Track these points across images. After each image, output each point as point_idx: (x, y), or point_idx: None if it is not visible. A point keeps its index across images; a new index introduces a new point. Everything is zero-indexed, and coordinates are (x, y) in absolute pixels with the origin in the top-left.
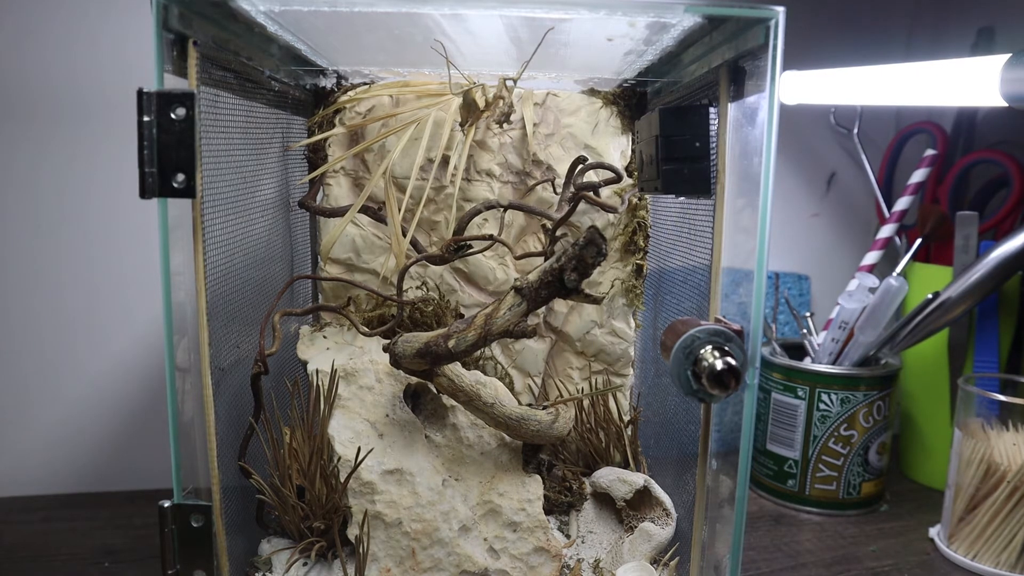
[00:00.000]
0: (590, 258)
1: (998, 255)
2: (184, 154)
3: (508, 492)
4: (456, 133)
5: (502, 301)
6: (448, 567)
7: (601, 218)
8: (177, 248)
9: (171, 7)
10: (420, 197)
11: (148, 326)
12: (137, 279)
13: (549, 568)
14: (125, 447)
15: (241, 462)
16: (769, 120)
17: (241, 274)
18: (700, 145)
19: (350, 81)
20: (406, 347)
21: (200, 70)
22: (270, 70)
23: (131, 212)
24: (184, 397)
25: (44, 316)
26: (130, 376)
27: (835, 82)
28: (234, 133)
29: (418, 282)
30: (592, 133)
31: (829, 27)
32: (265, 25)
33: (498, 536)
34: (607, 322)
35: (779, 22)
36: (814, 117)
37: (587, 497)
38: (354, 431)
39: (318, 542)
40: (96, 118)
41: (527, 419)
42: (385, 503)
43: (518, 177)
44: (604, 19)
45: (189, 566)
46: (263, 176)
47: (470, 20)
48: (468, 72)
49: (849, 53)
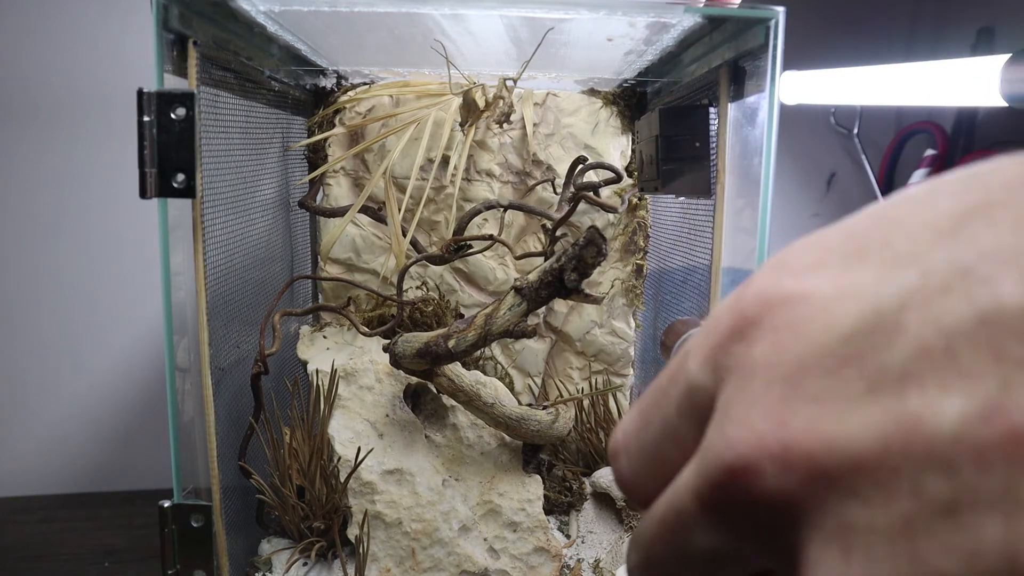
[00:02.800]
0: (590, 258)
1: None
2: (184, 154)
3: (508, 492)
4: (456, 133)
5: (502, 301)
6: (448, 567)
7: (601, 218)
8: (177, 248)
9: (171, 7)
10: (420, 197)
11: (148, 326)
12: (137, 279)
13: (549, 568)
14: (125, 447)
15: (241, 462)
16: (769, 120)
17: (241, 274)
18: (700, 145)
19: (350, 81)
20: (406, 347)
21: (200, 70)
22: (270, 70)
23: (131, 212)
24: (184, 397)
25: (44, 316)
26: (130, 376)
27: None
28: (234, 133)
29: (418, 282)
30: (592, 133)
31: (829, 27)
32: (265, 25)
33: (498, 536)
34: (607, 322)
35: (779, 22)
36: (814, 117)
37: (587, 497)
38: (354, 431)
39: (318, 542)
40: (96, 118)
41: (527, 419)
42: (385, 503)
43: (518, 177)
44: (604, 19)
45: (189, 566)
46: (263, 176)
47: (470, 20)
48: (468, 72)
49: (849, 53)
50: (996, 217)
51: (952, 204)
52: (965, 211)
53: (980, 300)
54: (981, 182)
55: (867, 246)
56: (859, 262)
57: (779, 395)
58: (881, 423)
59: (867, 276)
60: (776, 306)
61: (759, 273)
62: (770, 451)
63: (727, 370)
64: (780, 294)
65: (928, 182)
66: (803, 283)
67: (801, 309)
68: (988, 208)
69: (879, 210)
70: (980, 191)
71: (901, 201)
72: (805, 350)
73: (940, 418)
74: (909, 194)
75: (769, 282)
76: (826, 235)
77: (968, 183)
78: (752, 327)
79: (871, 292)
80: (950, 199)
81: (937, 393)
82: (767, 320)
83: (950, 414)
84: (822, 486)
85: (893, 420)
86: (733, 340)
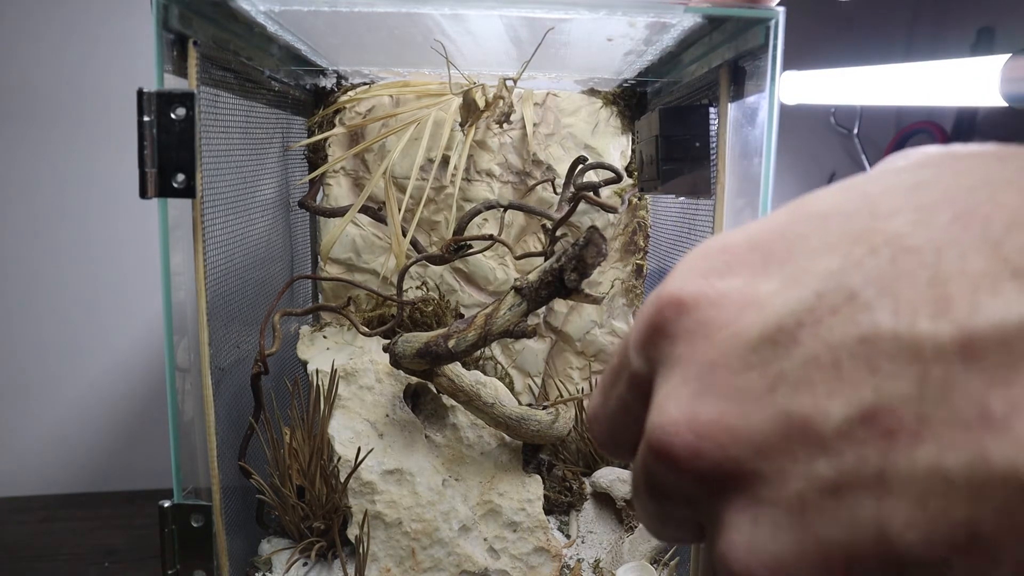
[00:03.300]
0: (590, 258)
1: None
2: (184, 154)
3: (508, 492)
4: (456, 133)
5: (502, 301)
6: (448, 567)
7: (601, 218)
8: (177, 248)
9: (171, 7)
10: (420, 197)
11: (148, 326)
12: (137, 279)
13: (549, 568)
14: (125, 447)
15: (241, 462)
16: (769, 120)
17: (241, 274)
18: (700, 145)
19: (350, 81)
20: (406, 347)
21: (200, 70)
22: (270, 70)
23: (131, 212)
24: (184, 397)
25: (44, 316)
26: (130, 376)
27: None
28: (234, 133)
29: (418, 282)
30: (592, 133)
31: (829, 27)
32: (265, 25)
33: (498, 536)
34: (607, 322)
35: (779, 22)
36: (814, 117)
37: (587, 497)
38: (354, 431)
39: (318, 542)
40: (96, 118)
41: (527, 419)
42: (385, 503)
43: (518, 177)
44: (604, 19)
45: (189, 566)
46: (263, 176)
47: (470, 20)
48: (468, 72)
49: (849, 53)
50: (877, 245)
51: (846, 227)
52: (854, 237)
53: (862, 324)
54: (871, 208)
55: (771, 257)
56: (763, 273)
57: (694, 390)
58: (779, 418)
59: (770, 287)
60: (690, 308)
61: (674, 273)
62: (684, 439)
63: (656, 361)
64: (693, 297)
65: (829, 194)
66: (713, 287)
67: (712, 313)
68: (872, 235)
69: (784, 222)
70: (866, 218)
71: (804, 218)
72: (716, 354)
73: (827, 417)
74: (812, 210)
75: (682, 284)
76: (735, 239)
77: (860, 206)
78: (670, 325)
79: (773, 305)
80: (845, 222)
81: (825, 397)
82: (683, 321)
83: (835, 414)
84: (730, 468)
85: (789, 416)
86: (657, 335)
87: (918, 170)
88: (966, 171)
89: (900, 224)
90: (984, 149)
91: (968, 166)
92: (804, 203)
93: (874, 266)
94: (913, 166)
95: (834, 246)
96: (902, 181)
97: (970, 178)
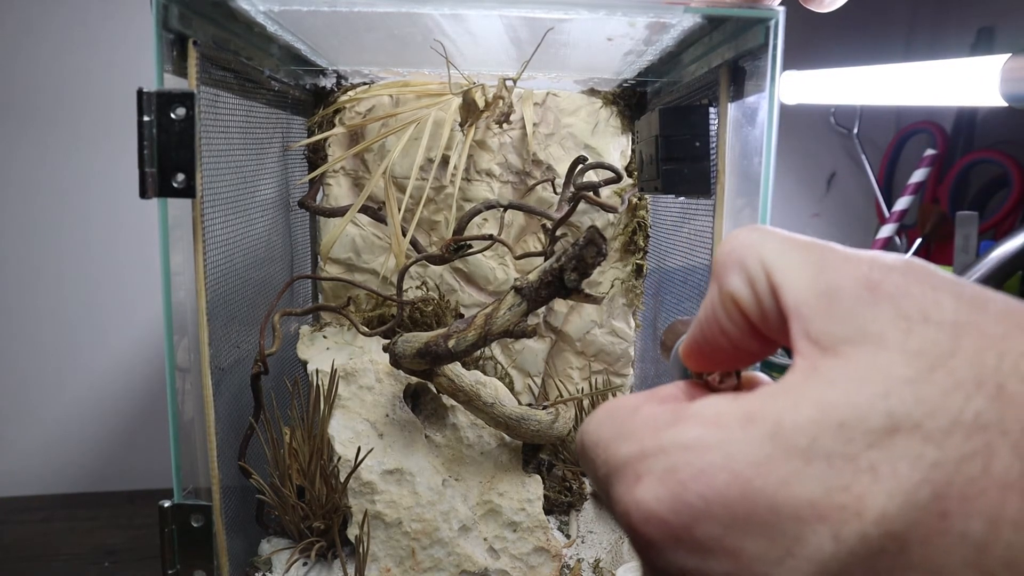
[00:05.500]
0: (590, 258)
1: (998, 255)
2: (184, 154)
3: (508, 492)
4: (456, 133)
5: (502, 301)
6: (448, 567)
7: (601, 218)
8: (177, 248)
9: (171, 7)
10: (420, 197)
11: (148, 326)
12: (137, 279)
13: (549, 568)
14: (125, 447)
15: (241, 462)
16: (769, 120)
17: (241, 274)
18: (700, 145)
19: (350, 81)
20: (406, 347)
21: (200, 70)
22: (270, 70)
23: (131, 212)
24: (184, 397)
25: (44, 316)
26: (130, 376)
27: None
28: (234, 133)
29: (418, 282)
30: (592, 133)
31: (829, 27)
32: (265, 25)
33: (498, 536)
34: (607, 322)
35: (779, 22)
36: (814, 117)
37: (587, 497)
38: (354, 431)
39: (318, 542)
40: (96, 118)
41: (527, 419)
42: (385, 503)
43: (518, 177)
44: (604, 19)
45: (189, 566)
46: (263, 176)
47: (470, 20)
48: (468, 72)
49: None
50: (637, 435)
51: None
52: (638, 450)
53: (636, 493)
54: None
55: (622, 434)
56: (624, 442)
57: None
58: None
59: (622, 453)
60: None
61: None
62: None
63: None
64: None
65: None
66: (614, 449)
67: (596, 466)
68: (655, 432)
69: (621, 421)
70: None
71: (637, 421)
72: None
73: None
74: (642, 415)
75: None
76: (621, 411)
77: (620, 427)
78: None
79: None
80: (627, 443)
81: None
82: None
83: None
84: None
85: None
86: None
87: None
88: None
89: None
90: None
91: None
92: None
93: (651, 444)
94: None
95: (637, 436)
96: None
97: None
